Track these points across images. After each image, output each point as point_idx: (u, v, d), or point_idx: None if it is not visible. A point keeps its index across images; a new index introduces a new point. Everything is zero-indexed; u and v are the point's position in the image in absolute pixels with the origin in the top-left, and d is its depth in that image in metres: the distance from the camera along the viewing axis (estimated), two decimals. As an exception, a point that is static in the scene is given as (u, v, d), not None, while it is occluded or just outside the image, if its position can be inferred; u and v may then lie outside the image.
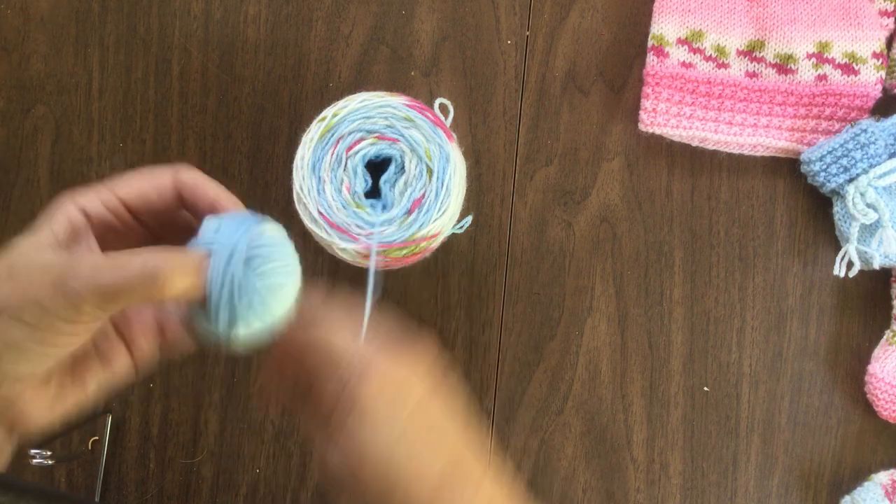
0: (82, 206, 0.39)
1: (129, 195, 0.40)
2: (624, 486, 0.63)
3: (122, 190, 0.40)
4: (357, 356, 0.40)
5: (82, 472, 0.64)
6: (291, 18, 0.65)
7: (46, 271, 0.35)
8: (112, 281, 0.34)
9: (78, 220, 0.38)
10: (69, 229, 0.38)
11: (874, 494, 0.60)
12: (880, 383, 0.60)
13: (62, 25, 0.66)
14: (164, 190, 0.40)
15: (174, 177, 0.40)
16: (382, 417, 0.38)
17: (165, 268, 0.34)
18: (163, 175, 0.40)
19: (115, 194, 0.39)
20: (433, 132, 0.55)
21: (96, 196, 0.39)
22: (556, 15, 0.64)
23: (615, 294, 0.63)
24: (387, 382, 0.39)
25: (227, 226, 0.37)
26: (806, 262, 0.63)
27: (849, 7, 0.61)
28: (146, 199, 0.40)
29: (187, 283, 0.35)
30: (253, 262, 0.36)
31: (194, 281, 0.35)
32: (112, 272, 0.34)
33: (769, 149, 0.63)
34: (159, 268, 0.34)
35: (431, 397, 0.41)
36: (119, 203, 0.40)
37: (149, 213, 0.41)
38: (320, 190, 0.54)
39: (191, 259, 0.36)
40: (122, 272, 0.34)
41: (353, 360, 0.39)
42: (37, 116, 0.66)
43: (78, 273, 0.34)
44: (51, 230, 0.37)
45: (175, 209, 0.41)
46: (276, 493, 0.64)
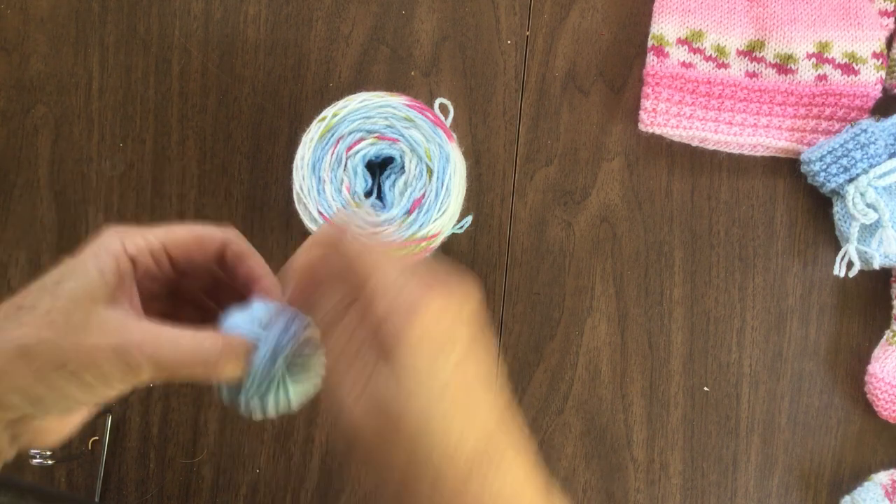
0: (132, 253, 0.38)
1: (175, 247, 0.40)
2: (624, 486, 0.63)
3: (171, 240, 0.40)
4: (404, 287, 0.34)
5: (82, 472, 0.64)
6: (291, 18, 0.65)
7: (106, 334, 0.35)
8: (173, 360, 0.36)
9: (126, 266, 0.38)
10: (118, 278, 0.37)
11: (874, 494, 0.60)
12: (880, 383, 0.60)
13: (62, 25, 0.66)
14: (210, 252, 0.41)
15: (224, 241, 0.41)
16: (427, 366, 0.33)
17: (221, 355, 0.36)
18: (213, 237, 0.41)
19: (162, 243, 0.40)
20: (433, 132, 0.55)
21: (144, 241, 0.39)
22: (556, 15, 0.64)
23: (615, 294, 0.63)
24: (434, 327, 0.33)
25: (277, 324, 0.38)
26: (806, 262, 0.63)
27: (849, 7, 0.61)
28: (190, 255, 0.40)
29: (235, 373, 0.37)
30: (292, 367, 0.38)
31: (240, 370, 0.37)
32: (174, 353, 0.36)
33: (769, 149, 0.63)
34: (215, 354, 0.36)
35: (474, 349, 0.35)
36: (164, 252, 0.40)
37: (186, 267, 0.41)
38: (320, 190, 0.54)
39: (245, 350, 0.37)
40: (184, 354, 0.36)
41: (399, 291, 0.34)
42: (37, 116, 0.66)
43: (141, 346, 0.35)
44: (101, 276, 0.37)
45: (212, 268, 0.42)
46: (276, 493, 0.64)
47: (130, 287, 0.38)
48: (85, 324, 0.35)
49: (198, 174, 0.65)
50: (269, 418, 0.39)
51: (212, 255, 0.41)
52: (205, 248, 0.41)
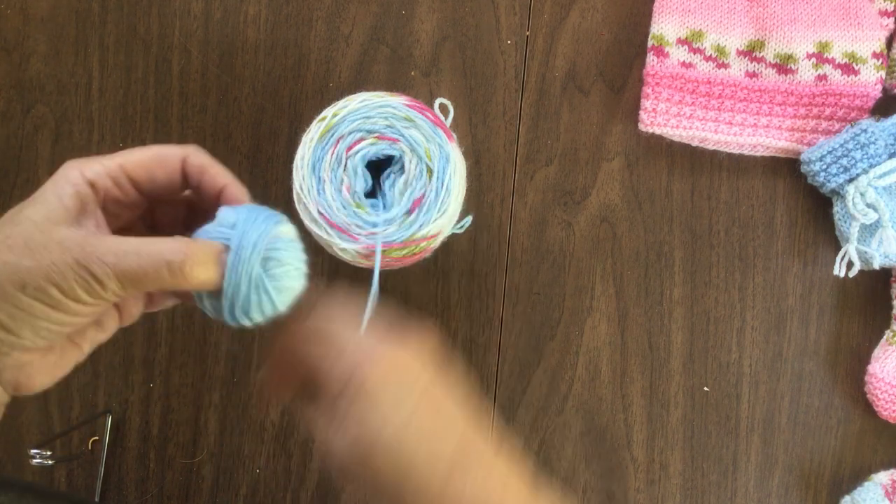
0: (89, 177, 0.39)
1: (136, 169, 0.40)
2: (624, 486, 0.63)
3: (130, 163, 0.40)
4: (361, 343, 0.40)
5: (82, 472, 0.64)
6: (291, 18, 0.65)
7: (67, 250, 0.35)
8: (137, 268, 0.35)
9: (86, 192, 0.38)
10: (78, 201, 0.38)
11: (874, 494, 0.60)
12: (880, 383, 0.60)
13: (62, 25, 0.66)
14: (171, 169, 0.41)
15: (184, 157, 0.41)
16: (390, 402, 0.38)
17: (188, 259, 0.36)
18: (172, 153, 0.41)
19: (122, 167, 0.40)
20: (433, 132, 0.55)
21: (103, 167, 0.39)
22: (556, 15, 0.64)
23: (615, 294, 0.63)
24: (392, 368, 0.39)
25: (245, 221, 0.38)
26: (806, 262, 0.63)
27: (849, 7, 0.61)
28: (152, 175, 0.40)
29: (207, 276, 0.37)
30: (268, 263, 0.38)
31: (213, 273, 0.37)
32: (137, 259, 0.36)
33: (769, 149, 0.63)
34: (183, 258, 0.36)
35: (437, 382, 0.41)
36: (125, 176, 0.40)
37: (153, 189, 0.41)
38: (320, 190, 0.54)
39: (212, 252, 0.37)
40: (146, 260, 0.36)
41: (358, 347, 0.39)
42: (37, 116, 0.66)
43: (102, 257, 0.35)
44: (60, 201, 0.37)
45: (179, 189, 0.42)
46: (276, 493, 0.64)
47: (94, 211, 0.38)
48: (45, 244, 0.35)
49: (198, 174, 0.65)
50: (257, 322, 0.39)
51: (173, 172, 0.41)
52: (165, 165, 0.40)
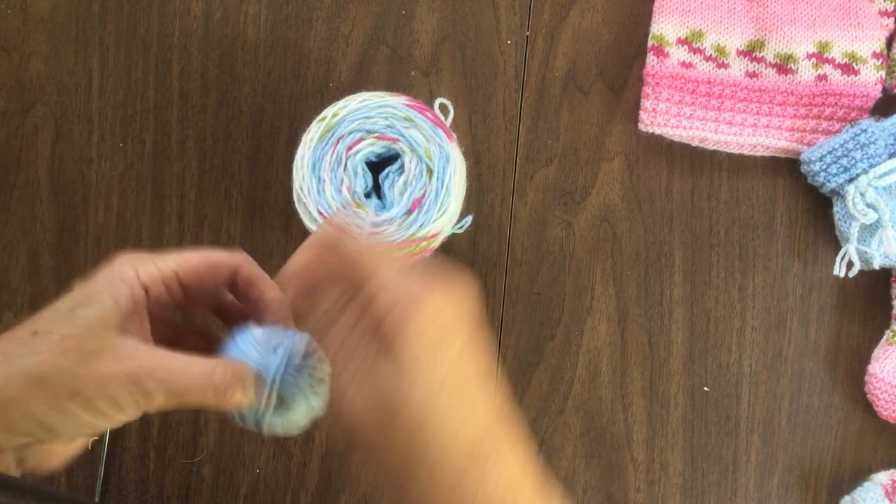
0: (143, 278, 0.39)
1: (188, 275, 0.40)
2: (624, 486, 0.63)
3: (184, 269, 0.40)
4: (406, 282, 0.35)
5: (82, 472, 0.64)
6: (291, 18, 0.65)
7: (119, 361, 0.36)
8: (185, 387, 0.36)
9: (139, 294, 0.38)
10: (132, 305, 0.38)
11: (874, 494, 0.60)
12: (880, 383, 0.60)
13: (62, 25, 0.66)
14: (222, 277, 0.41)
15: (236, 268, 0.41)
16: (425, 360, 0.33)
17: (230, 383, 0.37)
18: (224, 262, 0.41)
19: (174, 270, 0.40)
20: (433, 132, 0.55)
21: (158, 272, 0.39)
22: (556, 15, 0.64)
23: (615, 294, 0.63)
24: (435, 318, 0.34)
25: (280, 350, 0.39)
26: (806, 262, 0.63)
27: (849, 7, 0.61)
28: (202, 282, 0.41)
29: (243, 401, 0.38)
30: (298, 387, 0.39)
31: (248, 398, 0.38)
32: (187, 380, 0.36)
33: (769, 149, 0.63)
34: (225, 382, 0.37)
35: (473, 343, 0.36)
36: (175, 279, 0.40)
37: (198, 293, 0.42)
38: (320, 190, 0.54)
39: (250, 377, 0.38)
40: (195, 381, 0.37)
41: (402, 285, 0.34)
42: (37, 116, 0.66)
43: (154, 373, 0.36)
44: (116, 304, 0.37)
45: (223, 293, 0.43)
46: (276, 493, 0.64)
47: (143, 316, 0.39)
48: (99, 351, 0.36)
49: (198, 174, 0.65)
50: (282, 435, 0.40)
51: (223, 281, 0.42)
52: (216, 274, 0.41)
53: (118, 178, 0.65)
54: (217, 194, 0.65)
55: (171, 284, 0.40)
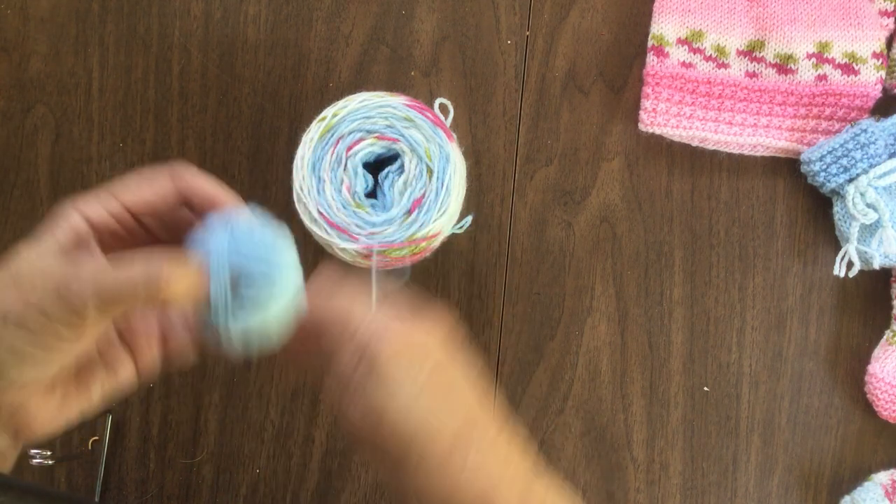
0: (85, 213, 0.39)
1: (131, 200, 0.40)
2: (624, 486, 0.63)
3: (125, 195, 0.40)
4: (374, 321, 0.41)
5: (82, 472, 0.64)
6: (291, 18, 0.65)
7: (48, 277, 0.35)
8: (113, 284, 0.35)
9: (81, 227, 0.38)
10: (73, 237, 0.38)
11: (874, 494, 0.60)
12: (880, 383, 0.60)
13: (62, 25, 0.66)
14: (165, 192, 0.40)
15: (174, 178, 0.41)
16: (401, 377, 0.39)
17: (165, 270, 0.35)
18: (163, 177, 0.40)
19: (118, 200, 0.40)
20: (433, 132, 0.55)
21: (99, 202, 0.39)
22: (556, 15, 0.64)
23: (615, 294, 0.63)
24: (405, 345, 0.40)
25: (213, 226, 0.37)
26: (806, 262, 0.63)
27: (849, 7, 0.61)
28: (149, 203, 0.40)
29: (187, 285, 0.36)
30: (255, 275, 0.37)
31: (194, 282, 0.36)
32: (113, 275, 0.35)
33: (769, 149, 0.63)
34: (160, 270, 0.35)
35: (448, 361, 0.42)
36: (122, 208, 0.40)
37: (151, 214, 0.41)
38: (320, 190, 0.54)
39: (188, 260, 0.36)
40: (123, 275, 0.35)
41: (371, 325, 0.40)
42: (37, 116, 0.66)
43: (79, 277, 0.35)
44: (54, 238, 0.37)
45: (176, 209, 0.41)
46: (276, 493, 0.64)
47: (90, 245, 0.38)
48: (30, 275, 0.35)
49: (198, 174, 0.65)
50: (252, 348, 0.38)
51: (171, 199, 0.40)
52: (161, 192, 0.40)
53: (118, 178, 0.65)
54: (217, 194, 0.65)
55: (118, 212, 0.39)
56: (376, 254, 0.53)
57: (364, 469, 0.63)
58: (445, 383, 0.41)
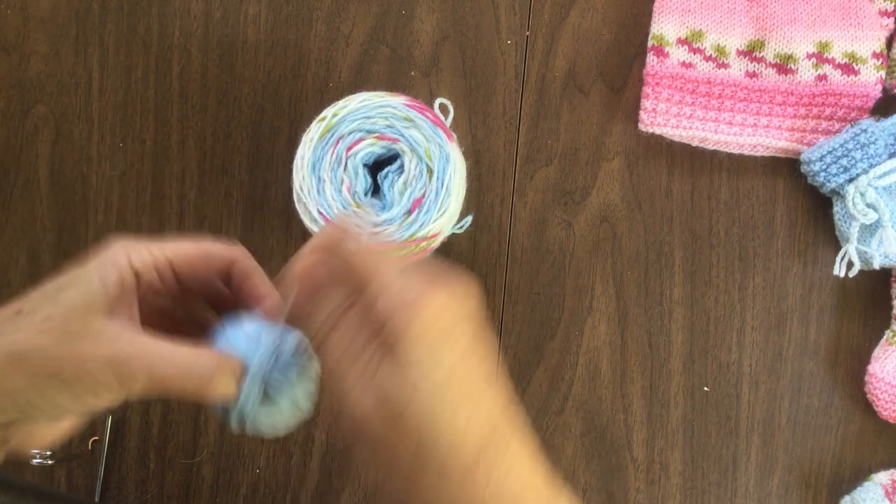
0: (136, 266, 0.38)
1: (181, 264, 0.40)
2: (624, 486, 0.63)
3: (179, 258, 0.40)
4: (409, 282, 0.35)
5: (82, 472, 0.64)
6: (291, 18, 0.65)
7: (102, 344, 0.35)
8: (167, 375, 0.36)
9: (129, 279, 0.38)
10: (119, 290, 0.37)
11: (874, 494, 0.60)
12: (880, 383, 0.60)
13: (62, 25, 0.66)
14: (217, 268, 0.41)
15: (232, 260, 0.41)
16: (428, 360, 0.34)
17: (214, 373, 0.36)
18: (221, 254, 0.41)
19: (168, 259, 0.39)
20: (433, 132, 0.55)
21: (151, 258, 0.39)
22: (556, 15, 0.64)
23: (615, 294, 0.63)
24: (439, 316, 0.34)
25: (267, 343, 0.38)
26: (806, 262, 0.63)
27: (849, 7, 0.61)
28: (196, 272, 0.40)
29: (226, 391, 0.37)
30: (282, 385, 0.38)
31: (232, 389, 0.37)
32: (169, 368, 0.36)
33: (769, 149, 0.63)
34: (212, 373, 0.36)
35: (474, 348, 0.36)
36: (169, 267, 0.40)
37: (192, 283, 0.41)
38: (320, 190, 0.54)
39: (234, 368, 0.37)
40: (177, 370, 0.36)
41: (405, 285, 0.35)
42: (37, 116, 0.66)
43: (136, 358, 0.35)
44: (104, 287, 0.37)
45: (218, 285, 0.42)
46: (276, 493, 0.64)
47: (132, 301, 0.38)
48: (81, 333, 0.35)
49: (198, 174, 0.65)
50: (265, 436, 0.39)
51: (217, 272, 0.41)
52: (211, 264, 0.41)
53: (118, 178, 0.65)
54: (217, 194, 0.65)
55: (164, 272, 0.39)
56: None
57: (364, 469, 0.63)
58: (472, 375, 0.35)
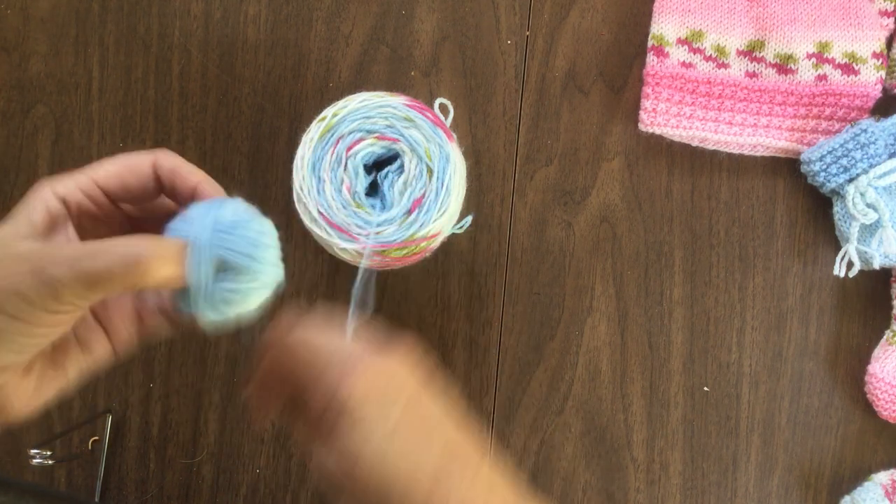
0: (60, 193, 0.38)
1: (107, 181, 0.39)
2: (624, 486, 0.63)
3: (100, 175, 0.39)
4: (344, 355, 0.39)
5: (82, 472, 0.64)
6: (291, 18, 0.65)
7: (25, 260, 0.34)
8: (92, 268, 0.34)
9: (56, 208, 0.38)
10: (47, 218, 0.37)
11: (874, 494, 0.60)
12: (880, 383, 0.60)
13: (62, 25, 0.66)
14: (143, 175, 0.40)
15: (153, 162, 0.40)
16: (374, 415, 0.37)
17: (146, 255, 0.34)
18: (141, 160, 0.40)
19: (93, 180, 0.39)
20: (433, 132, 0.55)
21: (74, 183, 0.39)
22: (556, 15, 0.64)
23: (615, 294, 0.63)
24: (376, 379, 0.38)
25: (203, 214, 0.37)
26: (806, 262, 0.63)
27: (849, 7, 0.61)
28: (125, 185, 0.40)
29: (168, 272, 0.35)
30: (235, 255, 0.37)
31: (175, 269, 0.36)
32: (92, 259, 0.34)
33: (769, 149, 0.63)
34: (140, 255, 0.34)
35: (421, 393, 0.40)
36: (98, 189, 0.39)
37: (128, 199, 0.40)
38: (320, 190, 0.54)
39: (171, 247, 0.36)
40: (102, 259, 0.34)
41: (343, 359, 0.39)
42: (37, 116, 0.66)
43: (57, 261, 0.34)
44: (28, 219, 0.37)
45: (155, 195, 0.41)
46: (276, 493, 0.64)
47: (65, 227, 0.38)
48: (6, 259, 0.35)
49: (198, 174, 0.65)
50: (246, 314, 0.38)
51: (145, 178, 0.40)
52: (136, 172, 0.40)
53: (118, 178, 0.65)
54: (217, 194, 0.65)
55: (94, 194, 0.39)
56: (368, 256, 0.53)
57: None
58: (420, 418, 0.39)
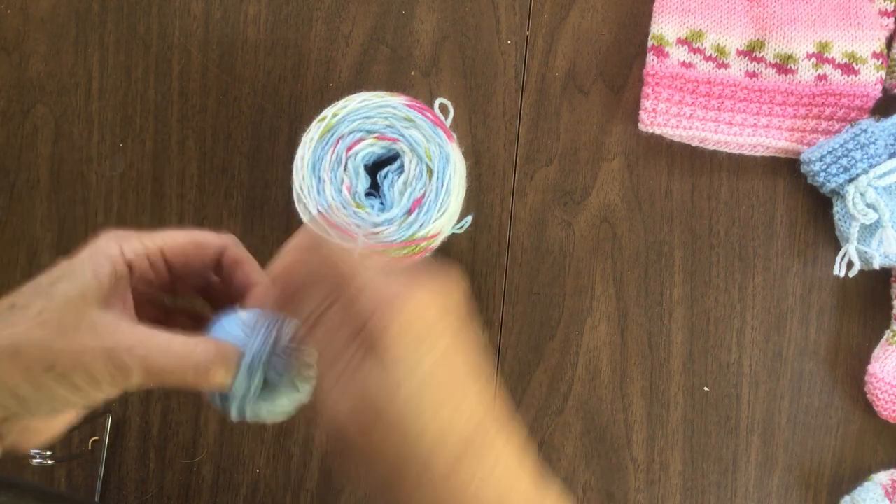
0: (128, 256, 0.38)
1: (173, 252, 0.40)
2: (624, 486, 0.63)
3: (170, 248, 0.40)
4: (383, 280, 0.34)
5: (82, 472, 0.64)
6: (291, 18, 0.65)
7: (98, 336, 0.35)
8: (164, 366, 0.36)
9: (122, 270, 0.38)
10: (113, 280, 0.37)
11: (874, 494, 0.60)
12: (880, 383, 0.60)
13: (62, 25, 0.66)
14: (208, 256, 0.41)
15: (222, 248, 0.41)
16: (410, 359, 0.33)
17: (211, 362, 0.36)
18: (210, 241, 0.41)
19: (160, 248, 0.40)
20: (433, 132, 0.55)
21: (143, 248, 0.39)
22: (556, 15, 0.64)
23: (615, 294, 0.63)
24: (418, 317, 0.33)
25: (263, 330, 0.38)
26: (806, 262, 0.63)
27: (849, 7, 0.61)
28: (188, 260, 0.41)
29: (221, 379, 0.37)
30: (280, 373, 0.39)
31: (228, 377, 0.37)
32: (164, 357, 0.36)
33: (769, 149, 0.63)
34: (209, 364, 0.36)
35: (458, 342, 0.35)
36: (162, 258, 0.40)
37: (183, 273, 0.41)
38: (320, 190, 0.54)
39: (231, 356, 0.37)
40: (173, 359, 0.36)
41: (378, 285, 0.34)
42: (37, 116, 0.66)
43: (133, 349, 0.35)
44: (96, 279, 0.37)
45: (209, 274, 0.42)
46: (276, 493, 0.64)
47: (125, 291, 0.38)
48: (76, 325, 0.35)
49: (198, 174, 0.65)
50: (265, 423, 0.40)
51: (209, 261, 0.41)
52: (202, 253, 0.41)
53: (118, 178, 0.65)
54: (217, 194, 0.65)
55: (157, 262, 0.40)
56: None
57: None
58: (455, 372, 0.34)
